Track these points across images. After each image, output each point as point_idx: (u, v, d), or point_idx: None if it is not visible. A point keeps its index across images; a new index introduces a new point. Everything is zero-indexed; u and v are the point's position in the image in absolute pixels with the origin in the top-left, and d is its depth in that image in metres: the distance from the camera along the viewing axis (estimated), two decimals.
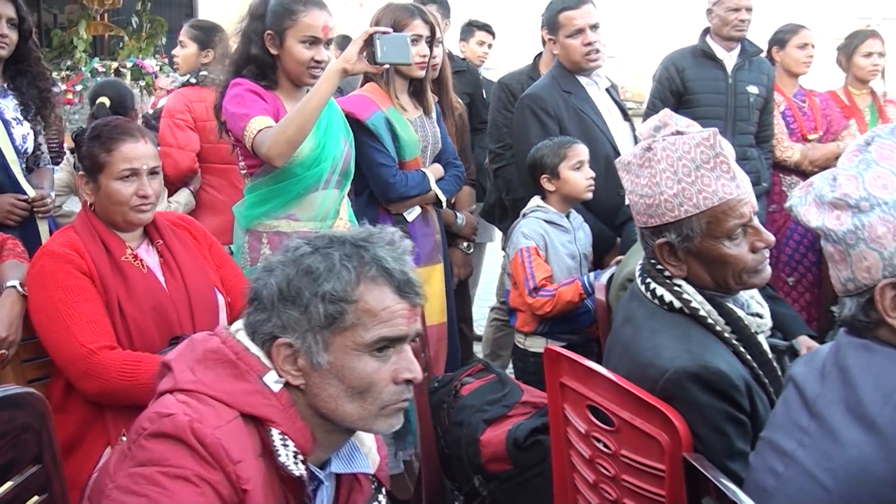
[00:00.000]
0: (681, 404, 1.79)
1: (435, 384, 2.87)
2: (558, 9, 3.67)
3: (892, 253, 1.37)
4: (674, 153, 1.91)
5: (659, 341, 1.89)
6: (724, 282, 1.94)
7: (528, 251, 3.20)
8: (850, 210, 1.40)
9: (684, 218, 1.90)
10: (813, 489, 1.37)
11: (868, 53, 4.63)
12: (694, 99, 4.27)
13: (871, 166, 1.41)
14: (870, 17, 23.59)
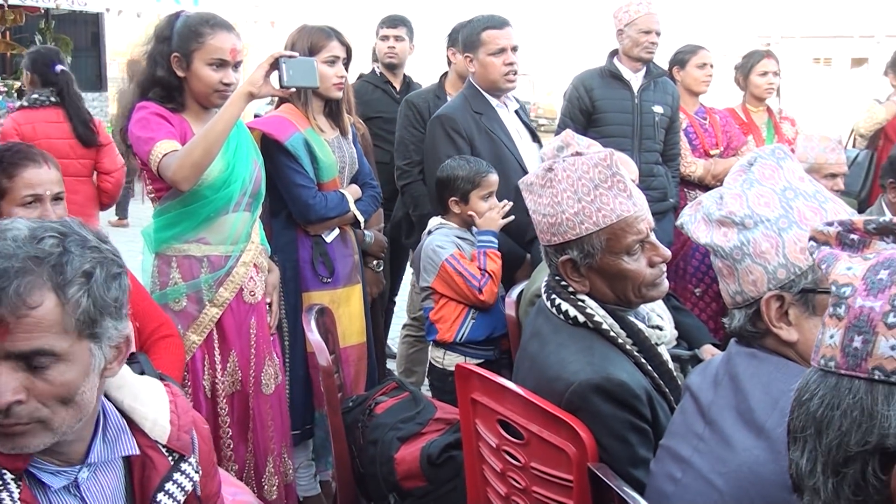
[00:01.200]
0: (586, 415, 1.85)
1: (349, 404, 2.87)
2: (481, 27, 3.72)
3: (776, 267, 1.44)
4: (573, 173, 1.98)
5: (564, 355, 1.94)
6: (625, 296, 2.01)
7: (455, 257, 3.22)
8: (736, 227, 1.48)
9: (585, 235, 1.96)
10: (708, 492, 1.43)
11: (764, 72, 4.82)
12: (602, 118, 4.37)
13: (753, 185, 1.50)
14: (769, 36, 24.55)
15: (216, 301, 2.89)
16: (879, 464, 0.79)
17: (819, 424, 0.84)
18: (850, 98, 6.52)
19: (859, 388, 0.81)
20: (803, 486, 0.88)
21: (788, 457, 0.90)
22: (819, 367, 0.86)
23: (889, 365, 0.78)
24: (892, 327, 0.78)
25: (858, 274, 0.84)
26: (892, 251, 0.84)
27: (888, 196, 3.50)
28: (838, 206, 1.49)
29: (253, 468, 3.02)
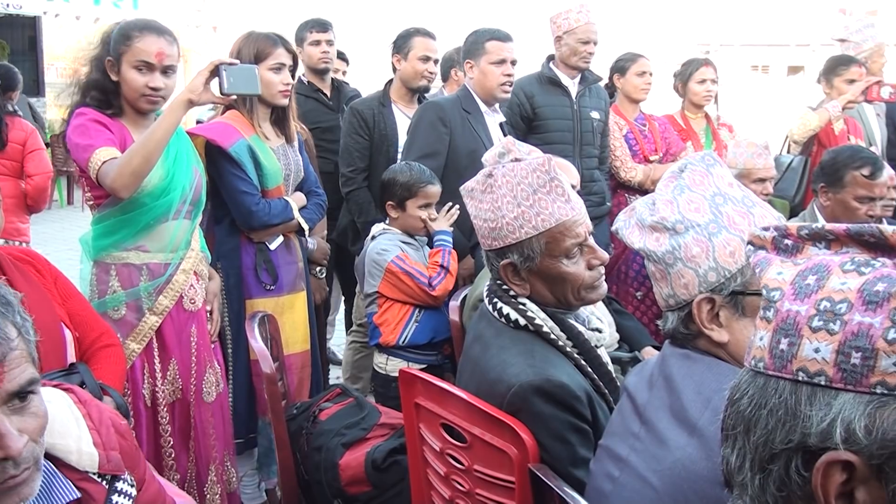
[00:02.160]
0: (527, 416, 1.87)
1: (293, 411, 2.86)
2: (487, 37, 3.88)
3: (707, 270, 1.48)
4: (513, 179, 2.01)
5: (505, 357, 1.97)
6: (565, 298, 2.05)
7: (401, 258, 3.25)
8: (668, 232, 1.52)
9: (525, 239, 1.99)
10: (644, 490, 1.46)
11: (702, 80, 4.92)
12: (544, 125, 4.42)
13: (684, 192, 1.54)
14: (709, 44, 25.03)
15: (156, 309, 2.86)
16: (802, 461, 0.82)
17: (748, 423, 0.87)
18: (787, 105, 6.68)
19: (785, 389, 0.84)
20: (733, 482, 0.91)
21: (721, 453, 0.93)
22: (750, 367, 0.89)
23: (812, 367, 0.81)
24: (815, 331, 0.81)
25: (788, 279, 0.87)
26: (821, 257, 0.87)
27: (820, 200, 3.59)
28: (765, 210, 1.53)
29: (195, 477, 2.99)
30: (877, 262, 0.83)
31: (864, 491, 0.79)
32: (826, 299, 0.82)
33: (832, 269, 0.84)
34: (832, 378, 0.80)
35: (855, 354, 0.79)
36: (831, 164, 3.56)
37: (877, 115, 5.17)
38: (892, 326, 0.77)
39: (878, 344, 0.77)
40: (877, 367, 0.78)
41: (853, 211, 3.46)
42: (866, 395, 0.78)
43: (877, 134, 5.12)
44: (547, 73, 4.47)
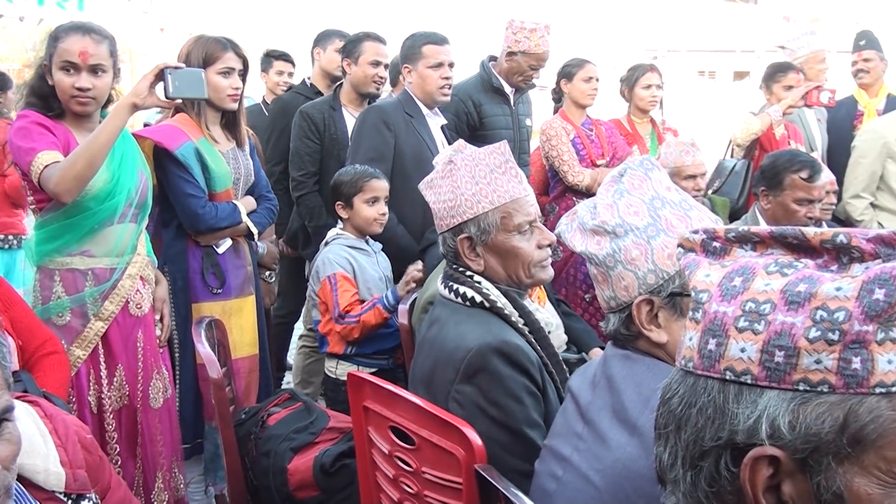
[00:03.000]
0: (484, 376, 1.95)
1: (242, 416, 2.84)
2: (423, 41, 3.89)
3: (646, 273, 1.52)
4: (471, 161, 2.17)
5: (463, 329, 2.06)
6: (517, 274, 2.17)
7: (335, 278, 3.24)
8: (609, 236, 1.56)
9: (482, 213, 2.14)
10: (586, 489, 1.48)
11: (647, 86, 4.99)
12: (487, 134, 4.39)
13: (624, 195, 1.57)
14: (656, 49, 25.40)
15: (101, 315, 2.83)
16: (731, 457, 0.85)
17: (679, 421, 0.90)
18: (733, 109, 6.80)
19: (713, 388, 0.87)
20: (666, 479, 0.93)
21: (654, 451, 0.95)
22: (681, 367, 0.92)
23: (738, 366, 0.84)
24: (741, 331, 0.84)
25: (715, 280, 0.89)
26: (747, 259, 0.90)
27: (761, 203, 3.68)
28: (702, 213, 1.58)
29: (142, 484, 2.96)
30: (799, 263, 0.86)
31: (790, 484, 0.82)
32: (751, 300, 0.85)
33: (757, 270, 0.87)
34: (757, 376, 0.83)
35: (778, 353, 0.82)
36: (771, 168, 3.65)
37: (818, 120, 5.30)
38: (812, 326, 0.80)
39: (800, 343, 0.80)
40: (799, 365, 0.81)
41: (793, 213, 3.54)
42: (790, 392, 0.81)
43: (818, 138, 5.25)
44: (493, 83, 4.50)
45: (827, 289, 0.81)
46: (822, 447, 0.80)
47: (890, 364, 0.79)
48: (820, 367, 0.80)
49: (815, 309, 0.80)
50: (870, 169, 4.73)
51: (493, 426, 1.94)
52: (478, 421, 1.95)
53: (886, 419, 0.79)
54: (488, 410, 1.95)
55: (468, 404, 1.98)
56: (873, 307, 0.78)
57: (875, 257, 0.82)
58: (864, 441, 0.79)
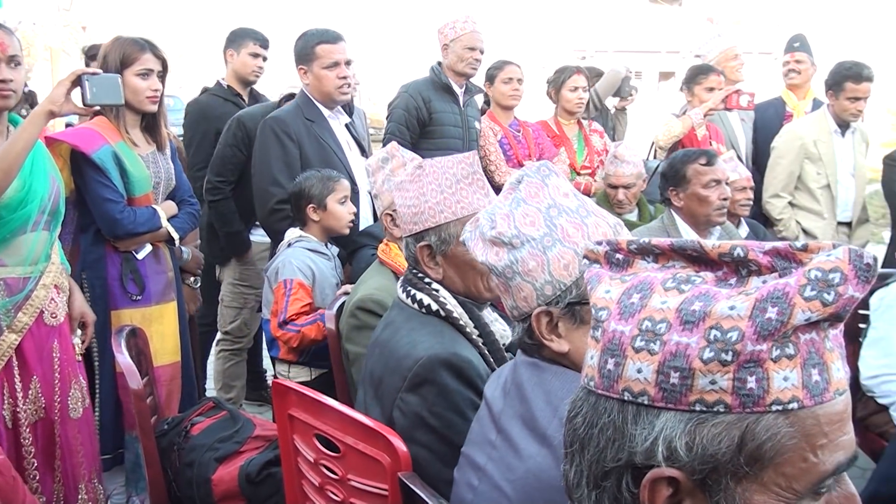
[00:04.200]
0: (431, 388, 1.93)
1: (165, 426, 2.79)
2: (316, 41, 3.74)
3: (543, 284, 1.50)
4: (439, 168, 2.13)
5: (415, 337, 2.04)
6: (475, 286, 2.14)
7: (292, 284, 3.18)
8: (506, 247, 1.53)
9: (443, 223, 2.11)
10: (499, 500, 1.47)
11: (574, 88, 5.05)
12: (437, 130, 4.49)
13: (520, 205, 1.55)
14: (584, 50, 25.76)
15: (15, 327, 2.74)
16: (632, 478, 0.85)
17: (582, 441, 0.89)
18: (659, 110, 6.91)
19: (613, 408, 0.86)
20: (573, 498, 0.93)
21: (562, 469, 0.95)
22: (584, 385, 0.91)
23: (636, 387, 0.83)
24: (638, 351, 0.83)
25: (614, 297, 0.88)
26: (647, 273, 0.89)
27: (674, 204, 3.75)
28: (600, 219, 1.55)
29: (63, 498, 2.88)
30: (698, 277, 0.86)
31: (690, 503, 0.83)
32: (648, 319, 0.84)
33: (655, 287, 0.86)
34: (654, 397, 0.82)
35: (674, 374, 0.81)
36: (671, 168, 3.74)
37: (741, 121, 5.42)
38: (706, 346, 0.79)
39: (695, 364, 0.79)
40: (695, 386, 0.80)
41: (705, 199, 3.63)
42: (687, 413, 0.81)
43: (740, 139, 5.37)
44: (443, 80, 4.55)
45: (721, 308, 0.80)
46: (720, 467, 0.80)
47: (786, 381, 0.79)
48: (715, 388, 0.79)
49: (709, 329, 0.80)
50: (788, 169, 4.87)
51: (433, 438, 1.92)
52: (418, 431, 1.93)
53: (784, 436, 0.79)
54: (430, 421, 1.92)
55: (411, 414, 1.95)
56: (766, 326, 0.78)
57: (772, 270, 0.82)
58: (763, 459, 0.80)
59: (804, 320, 0.78)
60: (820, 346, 0.81)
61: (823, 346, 0.81)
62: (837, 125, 4.87)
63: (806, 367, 0.80)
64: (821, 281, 0.77)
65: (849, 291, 0.77)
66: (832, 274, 0.77)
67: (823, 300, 0.77)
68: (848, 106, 4.77)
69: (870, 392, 3.24)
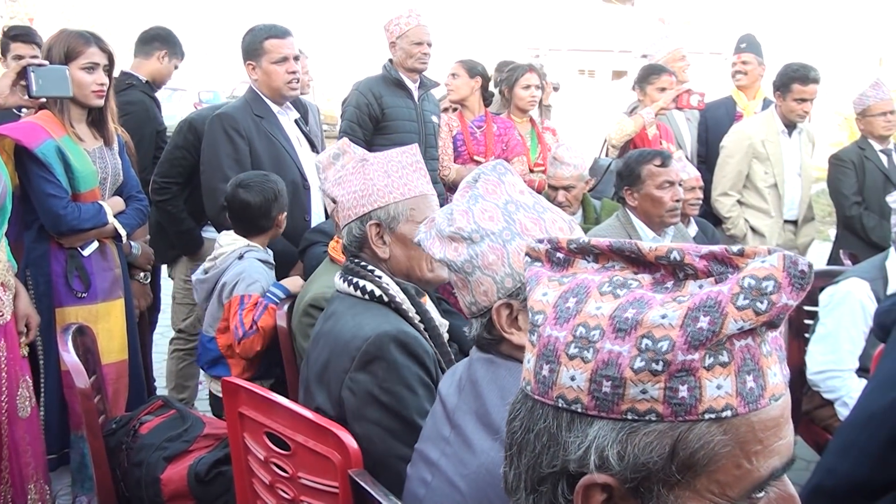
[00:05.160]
0: (381, 364, 1.97)
1: (113, 426, 2.74)
2: (264, 36, 3.68)
3: (503, 277, 1.53)
4: (384, 158, 2.27)
5: (360, 320, 2.08)
6: (419, 267, 2.24)
7: (249, 300, 3.06)
8: (465, 242, 1.56)
9: (392, 203, 2.22)
10: (452, 495, 1.48)
11: (526, 86, 5.07)
12: (391, 125, 4.49)
13: (478, 201, 1.58)
14: (538, 48, 25.91)
15: None
16: (567, 485, 0.85)
17: (520, 445, 0.89)
18: (612, 107, 6.98)
19: (548, 414, 0.85)
20: (512, 500, 0.93)
21: (502, 471, 0.94)
22: (522, 388, 0.91)
23: (569, 394, 0.83)
24: (572, 358, 0.83)
25: (551, 301, 0.88)
26: (584, 276, 0.88)
27: (629, 202, 3.79)
28: (555, 214, 1.58)
29: (10, 499, 2.82)
30: (635, 280, 0.85)
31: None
32: (582, 325, 0.83)
33: (591, 291, 0.85)
34: (587, 406, 0.81)
35: (606, 383, 0.80)
36: (626, 167, 3.78)
37: (687, 121, 5.50)
38: (638, 355, 0.78)
39: (626, 373, 0.79)
40: (626, 395, 0.79)
41: (659, 199, 3.68)
42: (619, 422, 0.80)
43: (686, 138, 5.45)
44: (393, 75, 4.55)
45: (653, 316, 0.79)
46: (652, 475, 0.80)
47: (719, 389, 0.78)
48: (647, 397, 0.78)
49: (641, 337, 0.78)
50: (736, 168, 4.95)
51: (384, 414, 1.96)
52: (369, 409, 1.97)
53: (717, 444, 0.78)
54: (381, 398, 1.96)
55: (361, 392, 1.98)
56: (697, 336, 0.77)
57: (708, 275, 0.81)
58: (695, 467, 0.79)
59: (737, 329, 0.77)
60: (756, 351, 0.80)
61: (759, 351, 0.80)
62: (785, 125, 4.96)
63: (740, 375, 0.79)
64: (754, 289, 0.76)
65: (782, 300, 0.77)
66: (766, 282, 0.76)
67: (756, 309, 0.76)
68: (795, 107, 4.86)
69: (816, 387, 3.31)
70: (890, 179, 4.83)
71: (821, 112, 16.00)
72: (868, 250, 4.52)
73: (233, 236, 3.24)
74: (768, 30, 18.00)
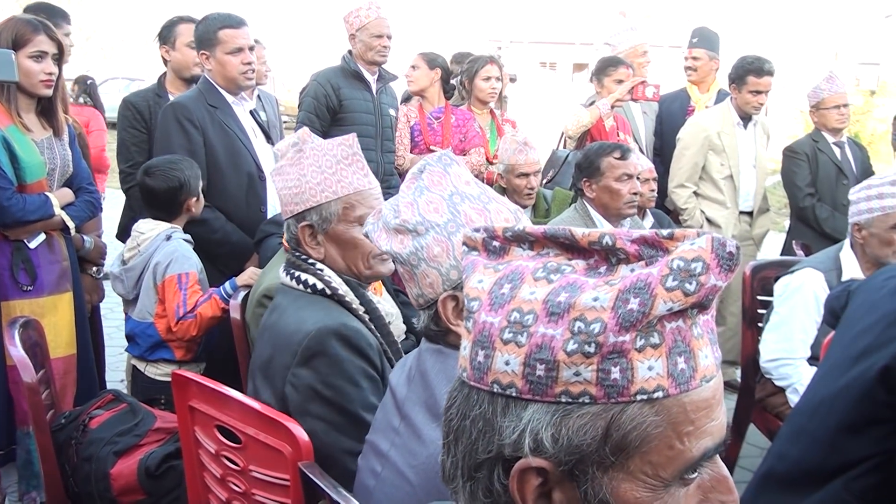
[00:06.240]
0: (323, 359, 1.96)
1: (62, 420, 2.69)
2: (218, 26, 3.62)
3: (448, 269, 1.53)
4: (319, 150, 2.20)
5: (303, 314, 2.07)
6: (356, 265, 2.21)
7: (188, 277, 3.08)
8: (411, 234, 1.55)
9: (324, 202, 2.18)
10: (402, 485, 1.48)
11: (487, 77, 5.07)
12: (348, 117, 4.49)
13: (423, 193, 1.57)
14: (500, 40, 25.98)
15: None
16: (503, 470, 0.84)
17: (456, 432, 0.89)
18: (572, 100, 7.01)
19: (484, 400, 0.85)
20: (450, 488, 0.92)
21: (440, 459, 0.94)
22: (458, 375, 0.90)
23: (504, 379, 0.82)
24: (506, 343, 0.82)
25: (486, 287, 0.87)
26: (518, 262, 0.88)
27: (587, 194, 3.80)
28: (501, 205, 1.58)
29: None
30: (568, 266, 0.85)
31: (559, 492, 0.83)
32: (516, 310, 0.83)
33: (525, 276, 0.85)
34: (521, 390, 0.81)
35: (539, 366, 0.80)
36: (586, 159, 3.80)
37: (643, 113, 5.54)
38: (570, 338, 0.78)
39: (559, 356, 0.79)
40: (560, 378, 0.79)
41: (617, 192, 3.71)
42: (553, 405, 0.80)
43: (641, 131, 5.49)
44: (351, 67, 4.55)
45: (585, 299, 0.79)
46: (586, 457, 0.80)
47: (651, 371, 0.79)
48: (580, 379, 0.79)
49: (574, 320, 0.79)
50: (692, 160, 4.99)
51: (327, 408, 1.95)
52: (313, 404, 1.96)
53: (649, 425, 0.79)
54: (324, 392, 1.96)
55: (304, 388, 1.97)
56: (627, 318, 0.77)
57: (640, 259, 0.82)
58: (628, 448, 0.80)
59: (666, 310, 0.77)
60: (687, 333, 0.80)
61: (690, 333, 0.81)
62: (740, 118, 5.01)
63: (671, 356, 0.79)
64: (683, 270, 0.77)
65: (711, 280, 0.77)
66: (694, 263, 0.77)
67: (685, 290, 0.77)
68: (750, 99, 4.92)
69: (768, 374, 3.36)
70: (842, 171, 4.91)
71: (778, 105, 16.22)
72: (821, 241, 4.60)
73: (153, 223, 3.24)
74: (727, 24, 18.22)
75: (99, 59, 33.05)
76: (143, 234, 3.21)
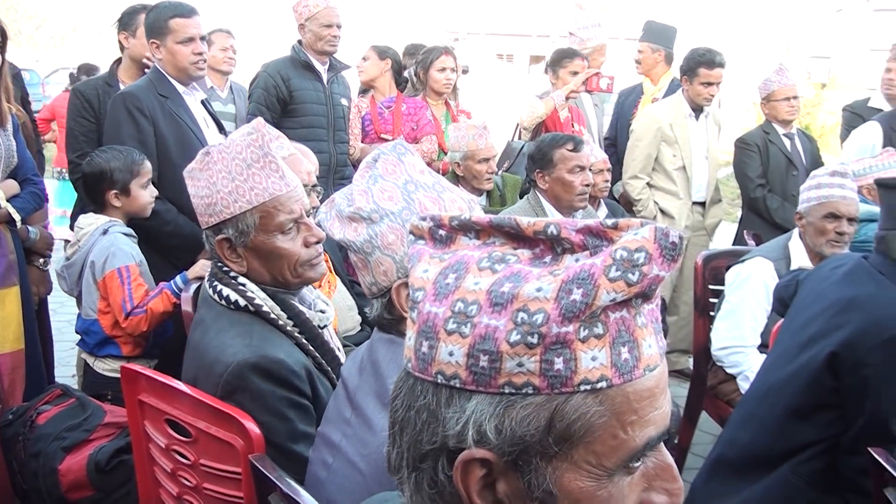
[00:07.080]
0: (244, 395, 1.88)
1: (9, 417, 2.65)
2: (169, 15, 3.55)
3: (402, 256, 1.53)
4: (228, 155, 2.01)
5: (224, 339, 1.95)
6: (282, 275, 2.07)
7: (128, 270, 3.01)
8: (365, 222, 1.55)
9: (239, 214, 2.01)
10: (353, 475, 1.48)
11: (442, 69, 5.07)
12: (299, 108, 4.47)
13: (378, 181, 1.57)
14: (457, 32, 25.96)
15: None
16: (447, 461, 0.84)
17: (401, 423, 0.88)
18: (528, 92, 7.04)
19: (428, 391, 0.84)
20: (395, 478, 0.92)
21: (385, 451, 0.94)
22: (403, 366, 0.90)
23: (448, 370, 0.82)
24: (450, 334, 0.82)
25: (431, 277, 0.87)
26: (464, 252, 0.88)
27: (539, 185, 3.83)
28: (455, 194, 1.59)
29: None
30: (513, 256, 0.85)
31: (503, 482, 0.83)
32: (461, 300, 0.83)
33: (470, 266, 0.85)
34: (465, 381, 0.81)
35: (483, 357, 0.80)
36: (539, 151, 3.83)
37: (594, 105, 5.60)
38: (513, 329, 0.78)
39: (502, 347, 0.79)
40: (503, 369, 0.79)
41: (569, 184, 3.74)
42: (497, 396, 0.80)
43: (593, 123, 5.54)
44: (301, 57, 4.52)
45: (528, 290, 0.79)
46: (530, 448, 0.80)
47: (594, 361, 0.79)
48: (523, 370, 0.79)
49: (517, 311, 0.79)
50: (645, 151, 5.04)
51: None
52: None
53: (593, 415, 0.79)
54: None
55: None
56: (570, 308, 0.77)
57: (584, 248, 0.82)
58: (572, 438, 0.80)
59: (609, 301, 0.77)
60: (630, 323, 0.81)
61: (634, 323, 0.81)
62: (692, 109, 5.07)
63: (615, 346, 0.80)
64: (625, 261, 0.77)
65: (653, 271, 0.78)
66: (637, 253, 0.77)
67: (628, 280, 0.77)
68: (701, 91, 4.97)
69: (720, 362, 3.41)
70: (792, 163, 4.99)
71: (731, 98, 16.43)
72: (771, 231, 4.67)
73: (92, 216, 3.17)
74: (681, 17, 18.38)
75: (49, 48, 32.47)
76: (82, 228, 3.14)
